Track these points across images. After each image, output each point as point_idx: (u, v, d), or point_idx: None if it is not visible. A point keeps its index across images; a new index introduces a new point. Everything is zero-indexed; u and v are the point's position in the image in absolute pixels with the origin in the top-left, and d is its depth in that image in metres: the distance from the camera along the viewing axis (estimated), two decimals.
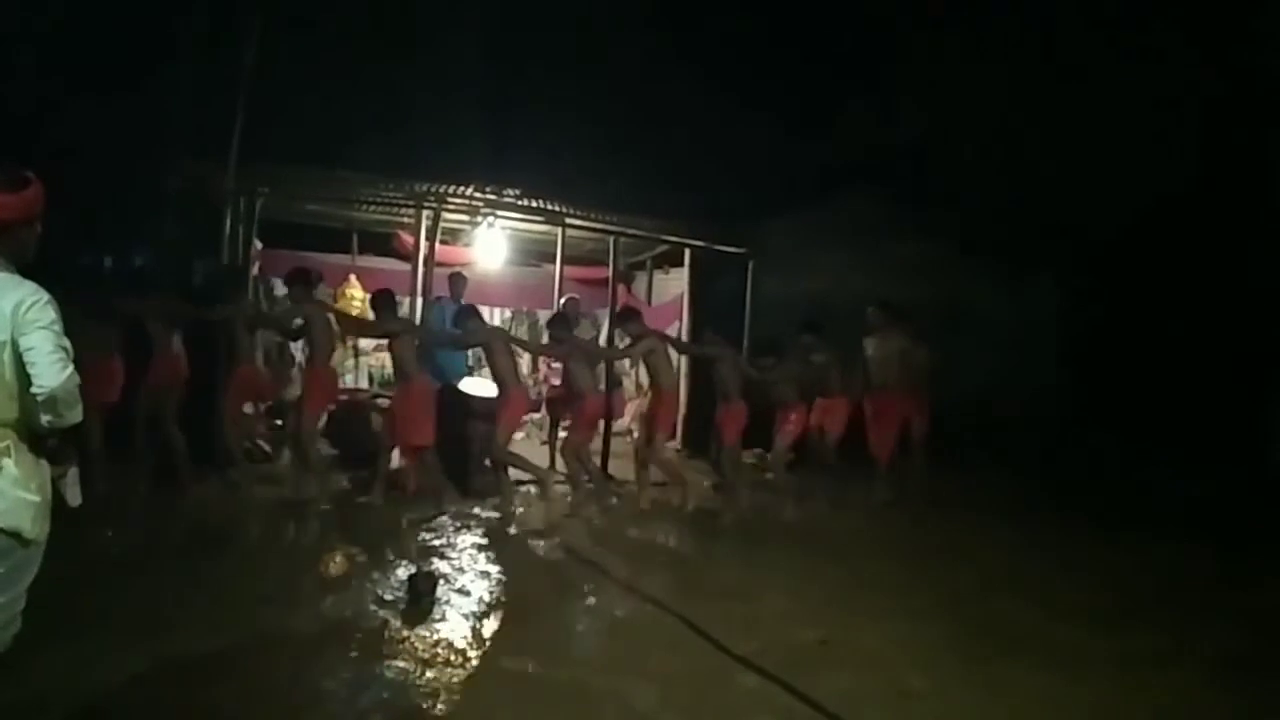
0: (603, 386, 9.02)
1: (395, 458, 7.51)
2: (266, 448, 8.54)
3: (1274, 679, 4.53)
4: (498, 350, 7.33)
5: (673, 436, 10.78)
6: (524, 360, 12.74)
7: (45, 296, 2.60)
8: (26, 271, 2.64)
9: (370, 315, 7.80)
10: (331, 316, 7.72)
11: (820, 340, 8.71)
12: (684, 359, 11.05)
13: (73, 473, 2.80)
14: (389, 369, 10.84)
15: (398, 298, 10.33)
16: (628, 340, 8.04)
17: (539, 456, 9.09)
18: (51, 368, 2.55)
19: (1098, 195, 14.18)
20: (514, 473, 7.55)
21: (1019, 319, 13.78)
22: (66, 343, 2.61)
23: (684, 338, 11.02)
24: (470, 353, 10.31)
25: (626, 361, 12.27)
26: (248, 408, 8.08)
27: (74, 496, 2.82)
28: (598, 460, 9.17)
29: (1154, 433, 12.22)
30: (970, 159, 14.72)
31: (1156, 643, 4.96)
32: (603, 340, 10.13)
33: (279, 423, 9.57)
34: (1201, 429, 12.11)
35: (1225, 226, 13.10)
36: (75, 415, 2.65)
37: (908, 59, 15.53)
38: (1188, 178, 13.14)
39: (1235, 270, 13.03)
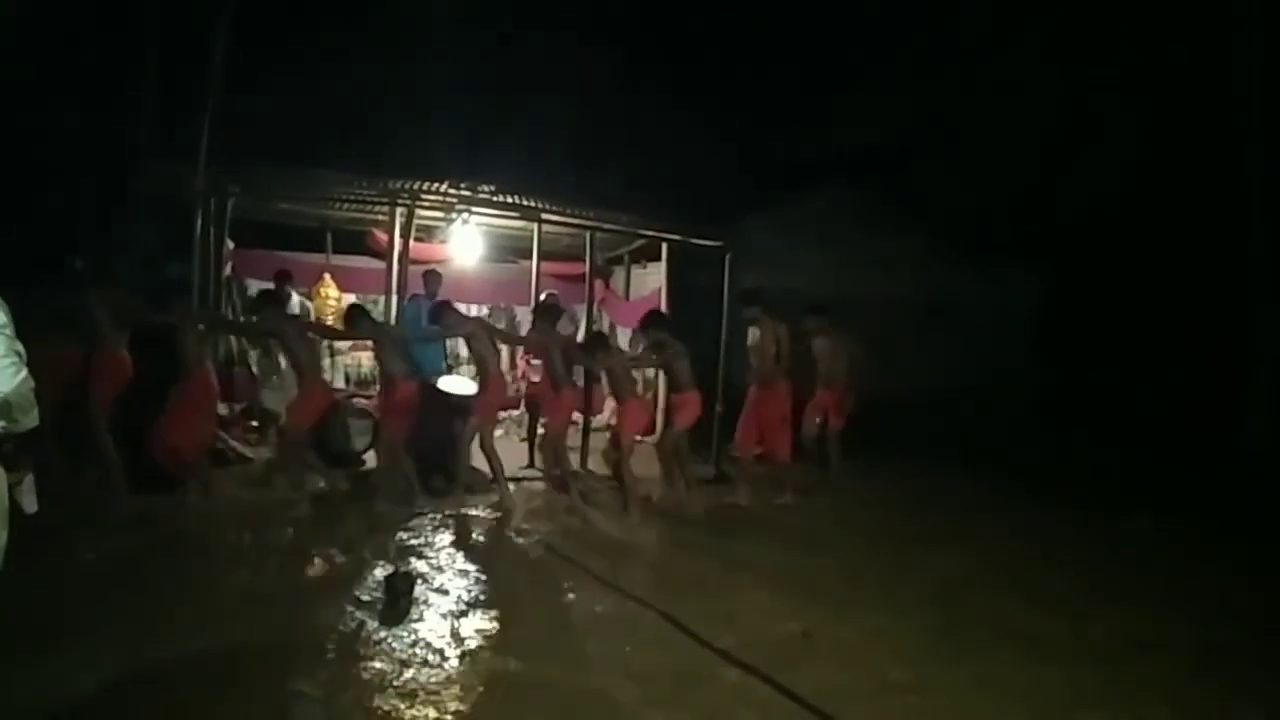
0: (580, 382, 8.99)
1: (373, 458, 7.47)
2: (243, 450, 8.45)
3: (1253, 664, 4.56)
4: (480, 339, 7.33)
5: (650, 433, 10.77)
6: (503, 356, 12.73)
7: None
8: None
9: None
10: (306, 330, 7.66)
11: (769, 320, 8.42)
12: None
13: (29, 480, 2.73)
14: (365, 368, 10.78)
15: (371, 297, 10.29)
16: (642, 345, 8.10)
17: (518, 454, 9.05)
18: (4, 372, 2.48)
19: (1071, 186, 14.29)
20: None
21: (994, 310, 13.85)
22: (19, 346, 2.54)
23: None
24: (447, 351, 10.26)
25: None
26: (222, 410, 7.99)
27: (30, 504, 2.75)
28: (577, 456, 9.17)
29: (1130, 419, 12.33)
30: (945, 154, 14.80)
31: (1137, 630, 4.99)
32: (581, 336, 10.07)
33: (254, 424, 9.50)
34: (1176, 414, 12.23)
35: (1197, 213, 13.21)
36: (31, 420, 2.58)
37: (885, 56, 15.58)
38: (1159, 166, 13.24)
39: (1208, 256, 13.14)
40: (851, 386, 8.75)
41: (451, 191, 9.07)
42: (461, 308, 12.04)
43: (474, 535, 6.56)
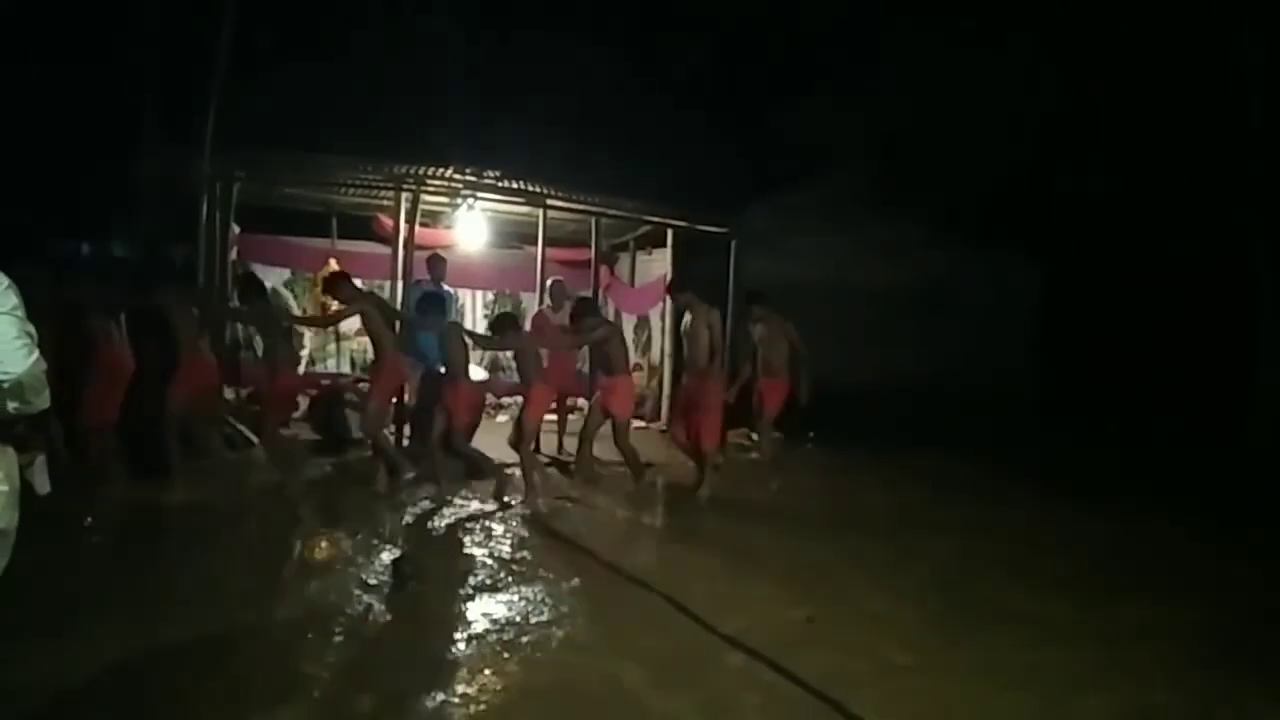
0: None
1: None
2: (249, 434, 8.48)
3: (1254, 650, 4.56)
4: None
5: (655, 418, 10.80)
6: None
7: (6, 281, 2.54)
8: None
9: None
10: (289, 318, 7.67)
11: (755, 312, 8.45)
12: (666, 337, 11.05)
13: (40, 460, 2.75)
14: (371, 354, 10.79)
15: (377, 282, 10.30)
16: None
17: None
18: (16, 354, 2.49)
19: (1077, 176, 14.23)
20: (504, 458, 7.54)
21: (998, 299, 13.84)
22: (30, 328, 2.56)
23: (667, 319, 11.01)
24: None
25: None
26: (229, 394, 8.01)
27: (42, 485, 2.77)
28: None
29: (1131, 411, 12.33)
30: (951, 142, 14.73)
31: (1141, 616, 5.00)
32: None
33: (258, 409, 9.53)
34: (1182, 406, 12.22)
35: (1201, 205, 13.17)
36: (43, 401, 2.59)
37: (891, 40, 15.49)
38: (1163, 158, 13.18)
39: (1211, 248, 13.10)
40: (794, 375, 8.39)
41: (457, 176, 9.07)
42: (465, 294, 12.19)
43: (480, 519, 6.57)
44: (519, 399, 11.04)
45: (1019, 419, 12.29)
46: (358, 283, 11.34)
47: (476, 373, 8.22)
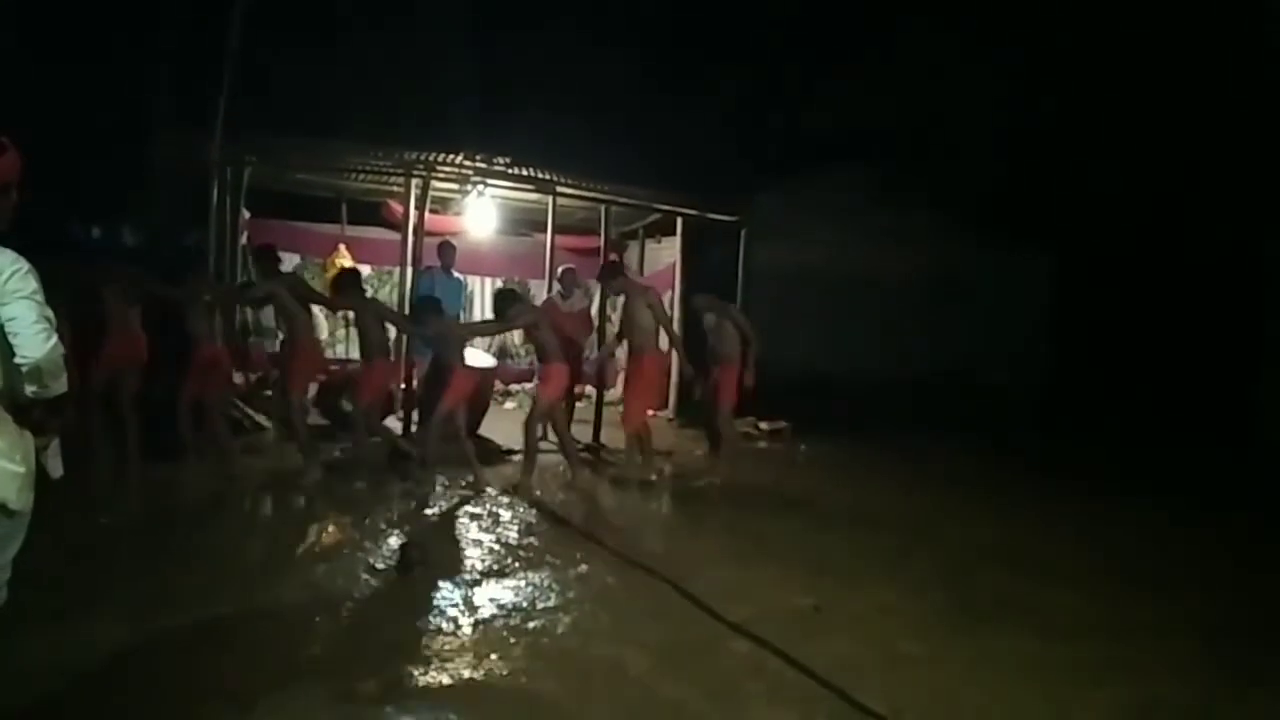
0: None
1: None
2: (259, 419, 8.52)
3: (1262, 646, 4.57)
4: (368, 321, 7.29)
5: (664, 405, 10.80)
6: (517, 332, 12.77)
7: (26, 265, 2.55)
8: (4, 241, 2.59)
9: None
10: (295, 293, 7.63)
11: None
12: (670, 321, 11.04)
13: (55, 445, 2.77)
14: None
15: (386, 268, 10.33)
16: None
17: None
18: (35, 338, 2.51)
19: (1090, 168, 14.17)
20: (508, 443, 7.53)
21: (1009, 291, 13.80)
22: (49, 312, 2.58)
23: (676, 308, 11.00)
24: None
25: (619, 328, 12.30)
26: (238, 379, 8.04)
27: (55, 468, 2.79)
28: (589, 430, 9.22)
29: (1144, 405, 12.30)
30: (963, 130, 14.67)
31: (1148, 610, 5.00)
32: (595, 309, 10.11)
33: (269, 394, 9.57)
34: (1191, 401, 12.19)
35: (1213, 198, 13.10)
36: (60, 386, 2.62)
37: (905, 30, 15.41)
38: (1184, 152, 13.11)
39: (1222, 241, 13.05)
40: (745, 364, 7.99)
41: (467, 163, 9.06)
42: (474, 280, 12.21)
43: (486, 505, 6.60)
44: (526, 385, 11.12)
45: (1028, 412, 12.28)
46: (366, 269, 11.49)
47: (484, 359, 8.24)
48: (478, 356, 8.51)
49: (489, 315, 12.29)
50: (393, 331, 7.74)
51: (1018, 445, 10.51)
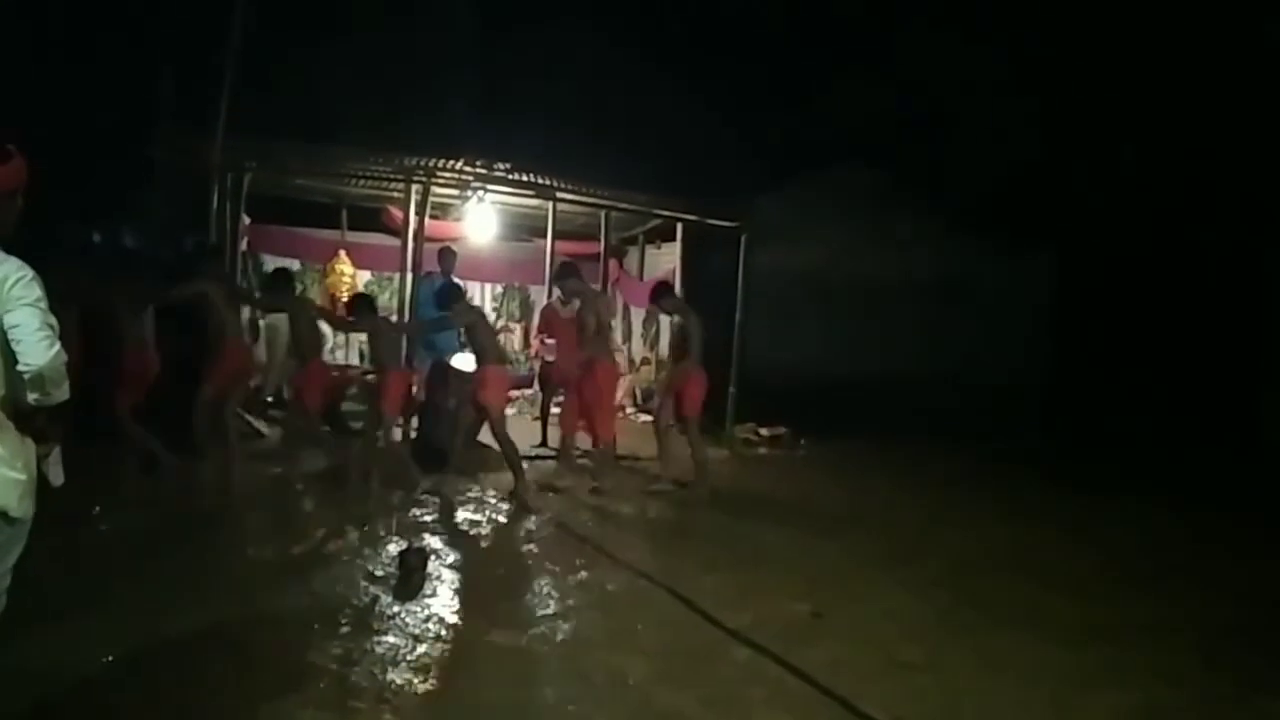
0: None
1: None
2: (258, 425, 8.52)
3: (1264, 649, 4.56)
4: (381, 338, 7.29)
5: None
6: (516, 335, 12.81)
7: (30, 273, 2.56)
8: (8, 247, 2.59)
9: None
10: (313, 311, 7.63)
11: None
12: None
13: (56, 452, 2.77)
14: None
15: (386, 274, 10.34)
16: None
17: (530, 432, 9.08)
18: (38, 345, 2.51)
19: (1093, 171, 14.18)
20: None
21: (1012, 293, 13.79)
22: (53, 319, 2.57)
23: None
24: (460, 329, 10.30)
25: (619, 335, 12.34)
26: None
27: (56, 476, 2.78)
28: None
29: (1145, 407, 12.30)
30: (964, 133, 14.69)
31: (1150, 613, 5.00)
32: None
33: (270, 400, 9.58)
34: (1192, 403, 12.20)
35: (1215, 198, 13.12)
36: (62, 393, 2.61)
37: (904, 33, 15.44)
38: (1185, 153, 13.13)
39: (1225, 241, 13.06)
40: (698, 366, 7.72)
41: (467, 169, 9.08)
42: (474, 287, 12.22)
43: (486, 512, 6.60)
44: (526, 391, 11.12)
45: (1029, 415, 12.28)
46: (366, 275, 11.52)
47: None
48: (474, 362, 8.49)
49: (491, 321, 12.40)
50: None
51: (1018, 448, 10.51)
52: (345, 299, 9.96)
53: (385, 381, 7.12)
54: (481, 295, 12.69)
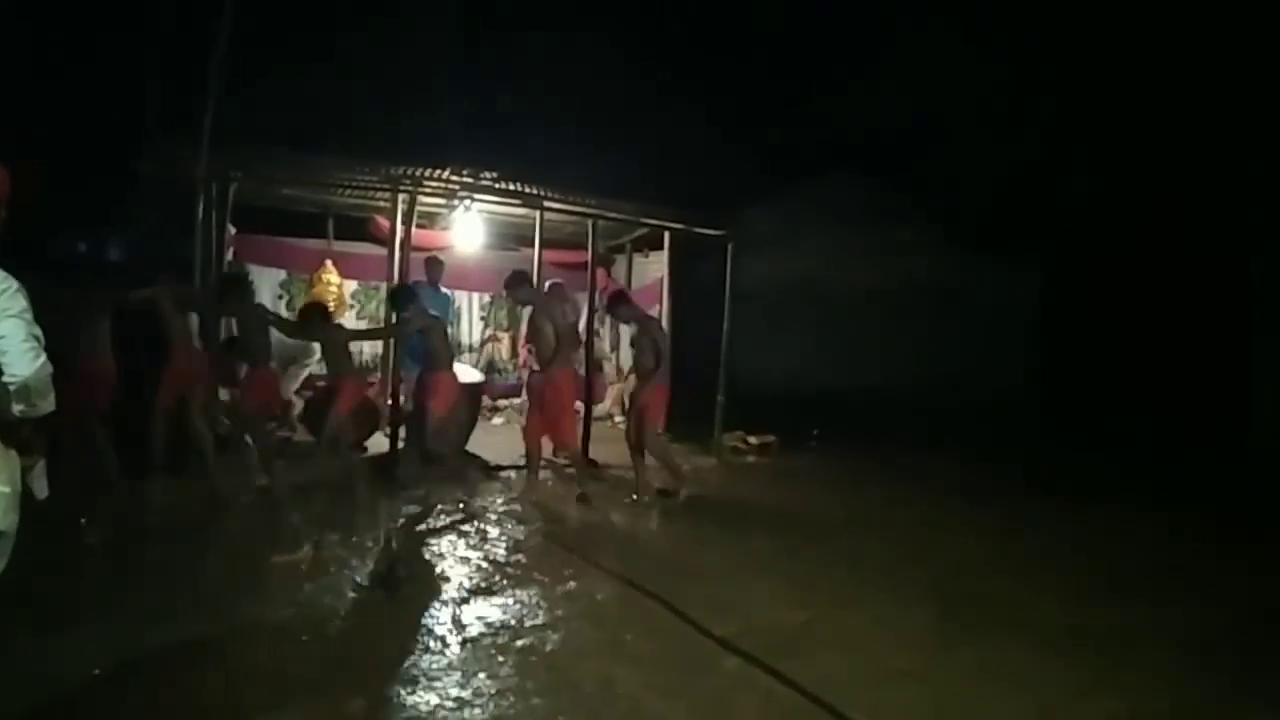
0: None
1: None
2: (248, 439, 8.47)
3: (1256, 656, 4.59)
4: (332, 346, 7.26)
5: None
6: (504, 345, 12.78)
7: (15, 284, 2.55)
8: None
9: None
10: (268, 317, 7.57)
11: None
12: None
13: (41, 465, 2.75)
14: (365, 355, 10.80)
15: (373, 283, 10.30)
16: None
17: (519, 442, 9.05)
18: (24, 357, 2.50)
19: (1080, 179, 14.29)
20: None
21: (1003, 300, 13.89)
22: (38, 331, 2.57)
23: (665, 322, 11.01)
24: (450, 339, 10.28)
25: (607, 344, 12.34)
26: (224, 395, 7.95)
27: (41, 489, 2.77)
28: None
29: (1135, 413, 12.38)
30: (951, 144, 14.78)
31: (1141, 620, 5.02)
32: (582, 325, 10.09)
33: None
34: (1182, 409, 12.28)
35: (1204, 207, 13.23)
36: (48, 405, 2.60)
37: (891, 43, 15.54)
38: (1172, 164, 13.24)
39: (1214, 251, 13.17)
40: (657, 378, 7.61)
41: (453, 178, 9.06)
42: (462, 295, 12.20)
43: (475, 522, 6.58)
44: (515, 400, 11.10)
45: (1020, 422, 12.33)
46: (353, 285, 11.47)
47: (471, 374, 8.21)
48: (463, 371, 8.48)
49: (475, 330, 12.39)
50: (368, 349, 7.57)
51: (1008, 455, 10.54)
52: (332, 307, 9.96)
53: (338, 389, 7.07)
54: (469, 304, 12.66)
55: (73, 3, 11.21)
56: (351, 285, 11.69)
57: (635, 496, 7.53)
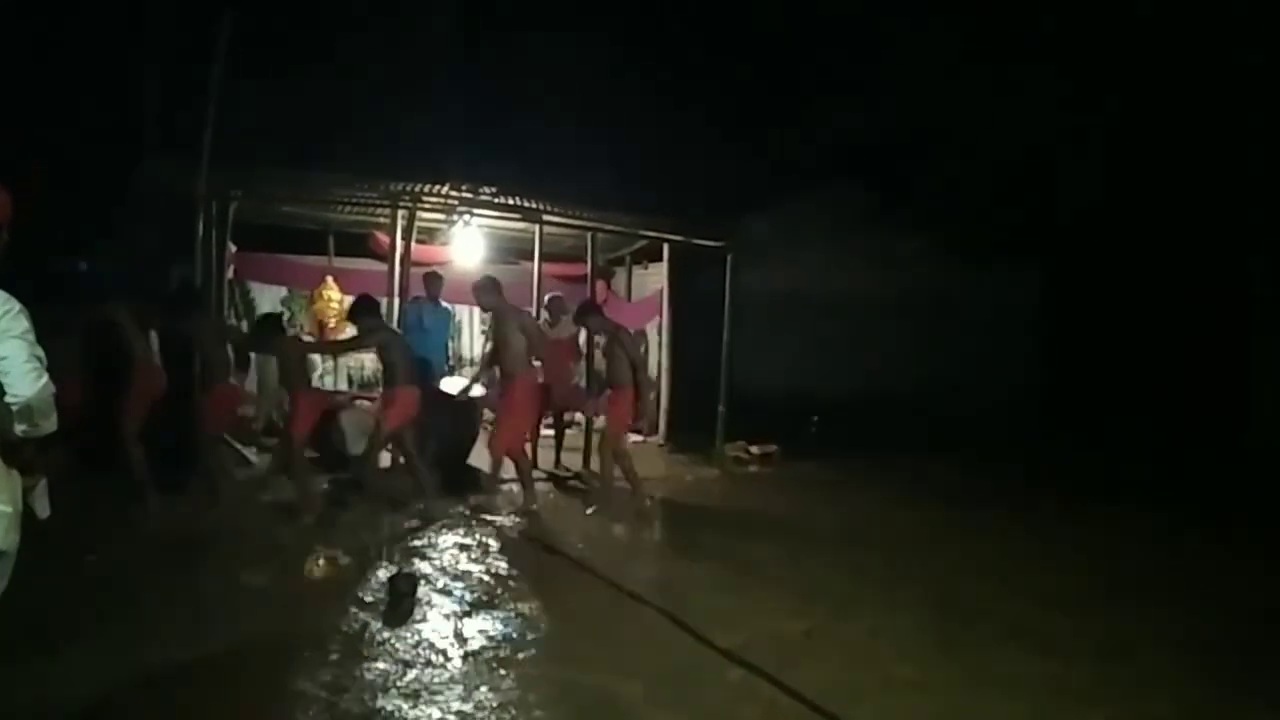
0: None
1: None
2: (245, 453, 8.49)
3: (1256, 660, 4.59)
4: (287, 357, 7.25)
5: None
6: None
7: (17, 305, 2.57)
8: None
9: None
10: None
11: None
12: (664, 351, 11.07)
13: (43, 485, 2.76)
14: (367, 370, 10.82)
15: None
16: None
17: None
18: (26, 377, 2.52)
19: (1074, 184, 14.29)
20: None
21: (995, 308, 13.89)
22: (40, 351, 2.59)
23: (664, 334, 11.03)
24: (450, 352, 10.31)
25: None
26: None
27: (43, 508, 2.78)
28: (579, 457, 9.22)
29: (1134, 418, 12.37)
30: (947, 153, 14.80)
31: (1141, 625, 5.02)
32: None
33: (256, 427, 9.56)
34: (1181, 413, 12.27)
35: (1202, 210, 13.23)
36: (50, 425, 2.62)
37: (889, 50, 15.58)
38: (1171, 167, 13.25)
39: (1212, 253, 13.18)
40: (637, 393, 7.58)
41: (453, 193, 9.10)
42: (463, 310, 12.22)
43: (476, 535, 6.58)
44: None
45: (1020, 427, 12.33)
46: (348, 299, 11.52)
47: (474, 389, 8.21)
48: (458, 384, 8.48)
49: (478, 345, 12.39)
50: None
51: (1009, 458, 10.54)
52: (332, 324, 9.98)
53: (294, 404, 7.04)
54: (470, 318, 12.68)
55: (71, 20, 11.26)
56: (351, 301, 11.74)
57: (594, 508, 7.42)
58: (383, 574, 5.30)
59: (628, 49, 16.10)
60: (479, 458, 8.79)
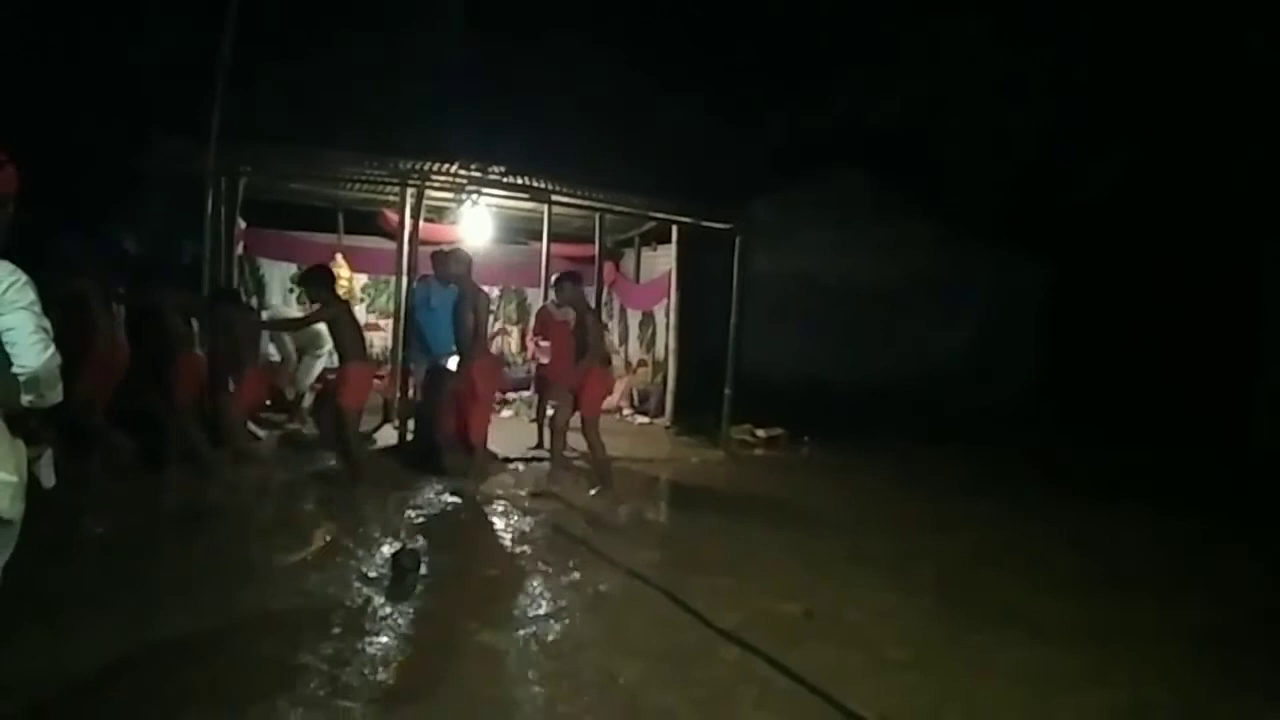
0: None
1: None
2: (254, 429, 8.54)
3: (1253, 650, 4.60)
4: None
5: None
6: (513, 338, 12.84)
7: (23, 277, 2.59)
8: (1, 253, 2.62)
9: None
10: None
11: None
12: (671, 333, 11.06)
13: (48, 454, 2.80)
14: (375, 348, 10.84)
15: (383, 277, 10.36)
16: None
17: (528, 434, 9.10)
18: (33, 348, 2.55)
19: (1083, 174, 14.23)
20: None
21: (1009, 296, 13.85)
22: (46, 323, 2.61)
23: (672, 315, 11.03)
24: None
25: (616, 337, 12.37)
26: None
27: (48, 478, 2.81)
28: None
29: (1138, 410, 12.34)
30: (957, 137, 14.73)
31: (1140, 615, 5.03)
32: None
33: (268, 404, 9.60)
34: (1185, 406, 12.23)
35: (1208, 204, 13.16)
36: (56, 395, 2.65)
37: (900, 35, 15.48)
38: (1180, 159, 13.17)
39: (1218, 247, 13.11)
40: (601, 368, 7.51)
41: (462, 172, 9.10)
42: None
43: (479, 513, 6.62)
44: (524, 393, 11.15)
45: (1026, 418, 12.31)
46: (363, 279, 11.56)
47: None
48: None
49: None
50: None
51: (1014, 451, 10.53)
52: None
53: (241, 379, 7.04)
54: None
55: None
56: (362, 279, 11.79)
57: (600, 488, 7.30)
58: (386, 549, 5.34)
59: (641, 30, 16.02)
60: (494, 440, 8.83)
